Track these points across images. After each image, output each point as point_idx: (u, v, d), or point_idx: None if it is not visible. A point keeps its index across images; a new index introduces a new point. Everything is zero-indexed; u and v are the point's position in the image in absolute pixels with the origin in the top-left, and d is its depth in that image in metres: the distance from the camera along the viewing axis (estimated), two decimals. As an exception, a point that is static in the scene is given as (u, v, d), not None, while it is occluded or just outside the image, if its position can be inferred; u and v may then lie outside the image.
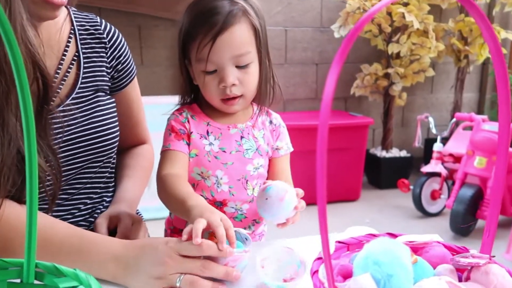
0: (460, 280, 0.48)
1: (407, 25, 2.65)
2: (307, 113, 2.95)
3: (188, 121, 0.80)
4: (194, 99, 0.84)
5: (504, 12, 3.07)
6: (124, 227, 0.75)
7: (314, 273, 0.46)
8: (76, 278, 0.44)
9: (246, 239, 0.66)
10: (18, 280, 0.45)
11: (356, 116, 2.86)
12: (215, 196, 0.79)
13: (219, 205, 0.80)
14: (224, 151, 0.79)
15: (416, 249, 0.54)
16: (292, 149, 0.88)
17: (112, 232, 0.75)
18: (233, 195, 0.80)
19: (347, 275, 0.46)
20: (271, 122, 0.86)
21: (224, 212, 0.79)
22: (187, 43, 0.76)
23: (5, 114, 0.60)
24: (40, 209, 0.69)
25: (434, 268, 0.49)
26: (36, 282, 0.45)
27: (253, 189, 0.82)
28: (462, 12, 2.92)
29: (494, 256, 0.49)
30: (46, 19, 0.69)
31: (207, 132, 0.80)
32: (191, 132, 0.79)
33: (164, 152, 0.79)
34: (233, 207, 0.81)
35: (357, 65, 2.99)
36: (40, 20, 0.69)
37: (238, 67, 0.75)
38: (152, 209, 1.57)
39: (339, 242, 0.54)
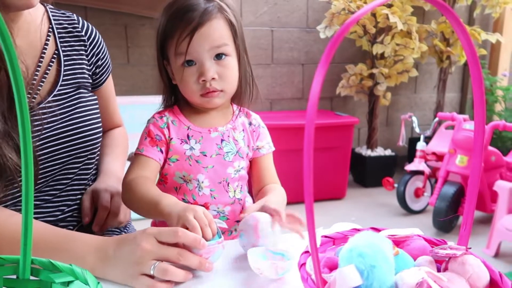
0: (438, 270, 0.51)
1: (391, 26, 2.70)
2: (293, 113, 2.98)
3: (168, 127, 0.80)
4: (175, 100, 0.85)
5: (484, 14, 3.15)
6: (105, 201, 0.81)
7: (302, 265, 0.48)
8: (72, 274, 0.45)
9: (220, 231, 0.67)
10: (14, 276, 0.46)
11: (341, 116, 2.90)
12: (197, 199, 0.80)
13: None
14: (205, 155, 0.80)
15: (398, 242, 0.56)
16: (273, 148, 0.88)
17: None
18: (214, 198, 0.81)
19: (333, 267, 0.48)
20: (250, 123, 0.86)
21: None
22: (165, 41, 0.77)
23: None
24: (18, 209, 0.70)
25: (415, 259, 0.52)
26: (32, 278, 0.46)
27: (234, 191, 0.83)
28: (444, 14, 2.99)
29: (470, 248, 0.52)
30: (22, 8, 0.68)
31: (188, 136, 0.80)
32: (171, 139, 0.79)
33: (137, 156, 0.79)
34: (215, 210, 0.82)
35: (342, 65, 3.03)
36: (18, 9, 0.68)
37: (216, 60, 0.76)
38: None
39: (325, 236, 0.56)
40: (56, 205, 0.80)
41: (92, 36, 0.85)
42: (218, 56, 0.76)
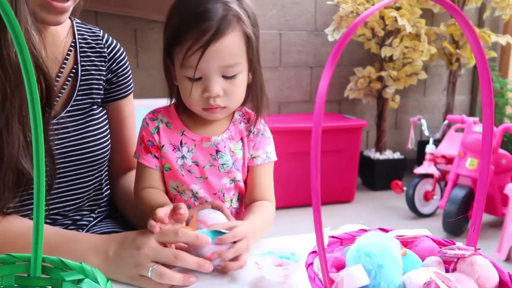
0: (447, 271, 0.51)
1: (400, 29, 2.69)
2: (301, 116, 2.97)
3: (159, 132, 0.76)
4: (177, 99, 0.79)
5: (494, 16, 3.13)
6: None
7: (309, 265, 0.48)
8: (82, 272, 0.46)
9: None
10: (25, 274, 0.47)
11: (350, 119, 2.89)
12: None
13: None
14: (198, 165, 0.75)
15: (406, 243, 0.56)
16: (274, 159, 0.81)
17: None
18: None
19: (340, 267, 0.48)
20: (250, 131, 0.80)
21: None
22: (173, 45, 0.71)
23: (9, 117, 0.61)
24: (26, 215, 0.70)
25: (423, 260, 0.52)
26: (43, 276, 0.47)
27: (231, 200, 0.80)
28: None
29: (479, 249, 0.52)
30: (50, 24, 0.70)
31: (181, 143, 0.76)
32: (162, 146, 0.76)
33: (138, 162, 0.78)
34: None
35: (350, 68, 3.02)
36: (45, 24, 0.70)
37: (224, 77, 0.71)
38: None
39: (333, 237, 0.56)
40: (58, 224, 0.79)
41: (114, 52, 0.84)
42: (226, 75, 0.71)
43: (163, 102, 0.81)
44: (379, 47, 2.82)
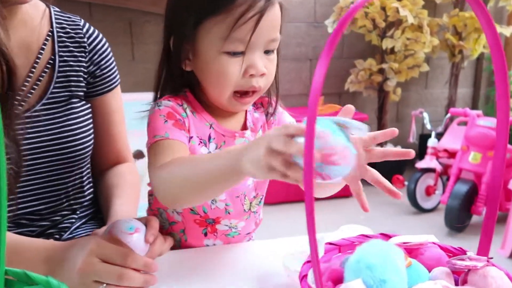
0: (456, 283, 0.46)
1: (401, 20, 2.63)
2: (301, 109, 2.91)
3: (188, 118, 0.64)
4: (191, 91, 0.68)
5: (498, 7, 3.06)
6: None
7: (303, 277, 0.43)
8: (47, 286, 0.41)
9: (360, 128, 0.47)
10: (-13, 289, 0.42)
11: (350, 112, 2.83)
12: (208, 213, 0.70)
13: (211, 222, 0.72)
14: None
15: (411, 250, 0.51)
16: None
17: None
18: (229, 213, 0.71)
19: (338, 280, 0.43)
20: (268, 114, 0.73)
21: (215, 230, 0.73)
22: (204, 16, 0.60)
23: None
24: None
25: (430, 270, 0.47)
26: (6, 290, 0.42)
27: (250, 203, 0.73)
28: (456, 7, 2.91)
29: (492, 258, 0.47)
30: (18, 2, 0.64)
31: (209, 138, 0.66)
32: (191, 137, 0.64)
33: (158, 143, 0.61)
34: (227, 225, 0.72)
35: (351, 60, 2.96)
36: (13, 3, 0.64)
37: (266, 52, 0.62)
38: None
39: (330, 243, 0.52)
40: (34, 223, 0.74)
41: (95, 43, 0.79)
42: (267, 50, 0.63)
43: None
44: (380, 39, 2.76)
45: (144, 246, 0.61)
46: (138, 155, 1.79)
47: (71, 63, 0.76)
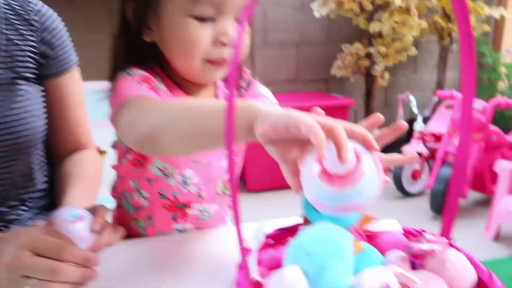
0: (414, 267, 0.42)
1: (389, 3, 2.57)
2: (287, 95, 2.87)
3: (161, 92, 0.59)
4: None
5: (487, -12, 3.01)
6: None
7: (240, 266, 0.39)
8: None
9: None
10: None
11: (336, 97, 2.79)
12: (178, 197, 0.66)
13: (181, 207, 0.68)
14: None
15: (372, 236, 0.47)
16: (276, 102, 0.72)
17: None
18: (201, 197, 0.67)
19: (276, 267, 0.39)
20: (239, 87, 0.69)
21: (185, 214, 0.69)
22: None
23: None
24: None
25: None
26: None
27: (225, 186, 0.69)
28: (445, -12, 2.85)
29: (453, 240, 0.43)
30: None
31: None
32: None
33: (132, 102, 0.53)
34: (198, 209, 0.68)
35: (338, 45, 2.90)
36: None
37: (236, 20, 0.58)
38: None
39: (281, 229, 0.47)
40: None
41: (48, 23, 0.73)
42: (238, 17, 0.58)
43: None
44: (368, 22, 2.71)
45: (90, 236, 0.56)
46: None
47: (17, 41, 0.70)
